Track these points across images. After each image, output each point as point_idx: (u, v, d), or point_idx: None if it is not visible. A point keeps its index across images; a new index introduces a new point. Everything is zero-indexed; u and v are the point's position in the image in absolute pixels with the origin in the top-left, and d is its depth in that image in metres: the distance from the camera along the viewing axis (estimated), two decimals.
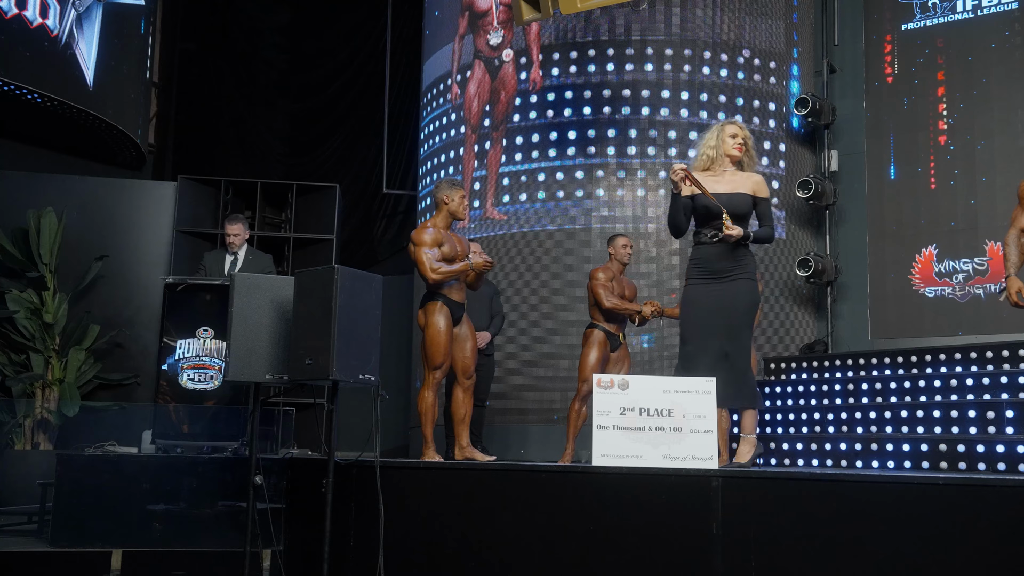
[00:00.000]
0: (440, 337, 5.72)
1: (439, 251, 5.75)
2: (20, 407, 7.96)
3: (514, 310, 8.31)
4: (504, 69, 9.57)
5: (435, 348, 5.73)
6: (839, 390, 7.04)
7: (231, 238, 7.16)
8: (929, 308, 8.68)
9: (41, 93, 9.66)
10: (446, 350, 5.75)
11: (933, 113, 8.93)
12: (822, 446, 6.20)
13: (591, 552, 4.28)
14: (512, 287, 8.61)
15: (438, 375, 5.79)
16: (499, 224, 9.15)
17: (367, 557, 4.80)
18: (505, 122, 9.39)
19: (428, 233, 5.78)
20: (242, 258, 7.15)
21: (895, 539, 3.54)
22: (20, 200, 8.68)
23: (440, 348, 5.72)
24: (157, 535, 5.56)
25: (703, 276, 4.94)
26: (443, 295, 5.79)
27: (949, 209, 8.74)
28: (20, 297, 8.23)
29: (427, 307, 5.81)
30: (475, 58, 9.77)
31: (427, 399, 5.77)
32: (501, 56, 9.64)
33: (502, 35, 9.68)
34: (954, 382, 6.44)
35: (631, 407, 4.49)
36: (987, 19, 8.75)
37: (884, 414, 6.33)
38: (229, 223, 7.30)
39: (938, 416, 6.02)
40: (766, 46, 9.17)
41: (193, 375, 6.47)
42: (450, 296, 5.81)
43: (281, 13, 12.86)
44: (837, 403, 6.91)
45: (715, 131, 5.11)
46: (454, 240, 5.90)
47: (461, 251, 5.89)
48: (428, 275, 5.71)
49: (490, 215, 9.30)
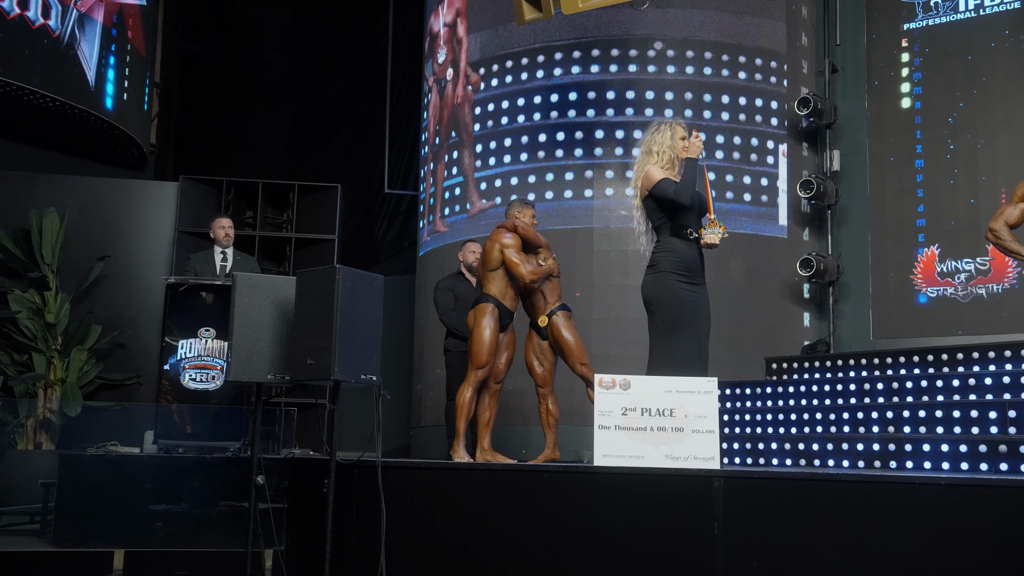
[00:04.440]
0: (486, 336, 5.90)
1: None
2: (22, 407, 7.97)
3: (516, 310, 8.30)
4: (447, 89, 9.92)
5: (480, 347, 5.90)
6: (841, 390, 7.03)
7: (227, 231, 7.15)
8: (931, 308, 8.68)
9: (43, 93, 9.67)
10: (491, 350, 5.91)
11: (935, 112, 8.92)
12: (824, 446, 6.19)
13: (593, 552, 4.28)
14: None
15: (480, 374, 5.94)
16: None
17: (369, 557, 4.80)
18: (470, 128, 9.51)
19: (510, 235, 6.03)
20: (232, 259, 7.14)
21: (897, 539, 3.54)
22: (22, 200, 8.70)
23: (484, 347, 5.89)
24: (159, 535, 5.57)
25: (687, 277, 5.05)
26: (496, 299, 5.96)
27: (950, 209, 8.73)
28: (22, 297, 8.24)
29: (478, 308, 6.01)
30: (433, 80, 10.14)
31: (465, 394, 5.93)
32: (446, 76, 9.98)
33: (445, 54, 10.02)
34: (957, 382, 6.42)
35: (633, 407, 4.49)
36: (989, 18, 8.75)
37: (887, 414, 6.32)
38: (223, 217, 7.30)
39: (940, 416, 6.01)
40: (768, 46, 9.16)
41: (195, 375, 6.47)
42: (503, 301, 6.00)
43: (282, 13, 12.87)
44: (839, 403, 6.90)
45: (666, 130, 5.17)
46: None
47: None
48: (524, 277, 5.95)
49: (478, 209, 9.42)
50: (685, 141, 5.11)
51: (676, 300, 5.00)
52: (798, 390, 7.26)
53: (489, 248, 6.07)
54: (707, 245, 5.07)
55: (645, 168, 5.16)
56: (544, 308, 6.18)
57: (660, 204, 5.09)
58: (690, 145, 5.09)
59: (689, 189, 5.01)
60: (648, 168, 5.13)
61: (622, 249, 8.59)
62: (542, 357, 6.22)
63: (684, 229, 5.07)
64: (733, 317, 8.49)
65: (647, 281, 5.14)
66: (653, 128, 5.27)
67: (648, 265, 5.16)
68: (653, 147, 5.19)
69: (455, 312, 7.08)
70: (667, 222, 5.10)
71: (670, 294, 5.01)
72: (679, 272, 5.02)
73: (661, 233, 5.14)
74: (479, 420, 6.07)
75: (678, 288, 5.00)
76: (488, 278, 6.08)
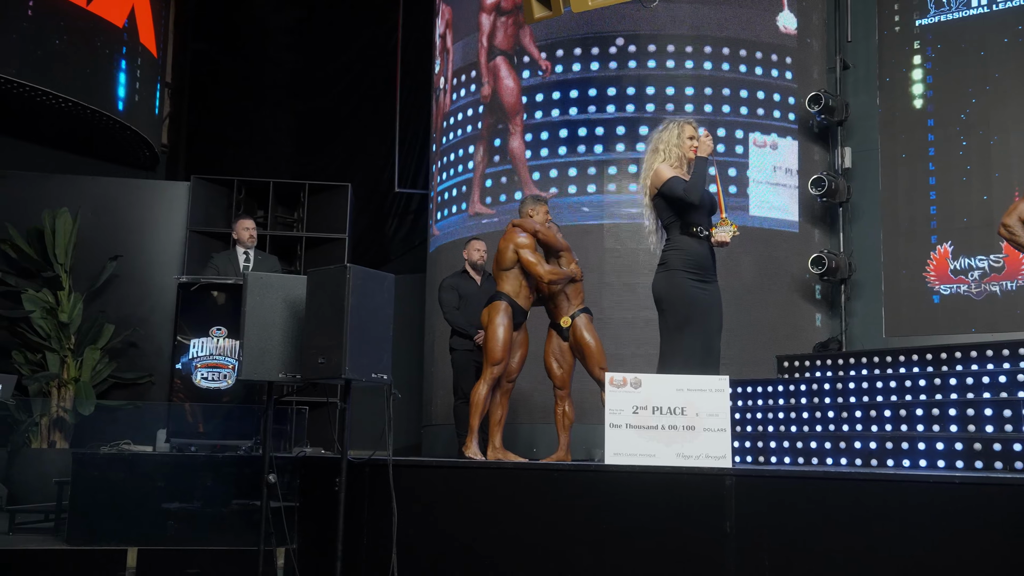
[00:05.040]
0: (500, 334, 5.94)
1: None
2: (36, 406, 8.01)
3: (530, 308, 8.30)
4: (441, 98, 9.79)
5: (494, 344, 5.94)
6: (853, 388, 7.00)
7: (250, 232, 7.15)
8: (944, 305, 8.64)
9: (55, 94, 9.71)
10: (505, 347, 5.95)
11: (947, 109, 8.87)
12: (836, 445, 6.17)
13: (604, 551, 4.27)
14: None
15: (495, 371, 5.97)
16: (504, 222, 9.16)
17: (380, 555, 4.81)
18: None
19: (523, 236, 6.05)
20: (253, 258, 7.16)
21: (911, 538, 3.52)
22: (35, 200, 8.75)
23: (498, 345, 5.93)
24: (172, 533, 5.58)
25: (698, 276, 5.04)
26: (510, 297, 5.99)
27: (963, 206, 8.68)
28: (36, 297, 8.29)
29: (492, 306, 6.04)
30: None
31: (480, 391, 5.98)
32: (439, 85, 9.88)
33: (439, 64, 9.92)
34: (970, 380, 6.38)
35: (644, 405, 4.48)
36: (1001, 14, 8.70)
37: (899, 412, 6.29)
38: (245, 218, 7.31)
39: (954, 415, 5.98)
40: (778, 42, 9.13)
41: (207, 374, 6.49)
42: (517, 300, 6.03)
43: (292, 13, 12.89)
44: (851, 401, 6.87)
45: (674, 129, 5.17)
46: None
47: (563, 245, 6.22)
48: (543, 276, 6.00)
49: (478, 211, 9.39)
50: (694, 140, 5.10)
51: (687, 298, 5.00)
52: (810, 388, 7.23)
53: (503, 247, 6.07)
54: (718, 243, 5.07)
55: (654, 166, 5.15)
56: (567, 309, 6.20)
57: (670, 202, 5.08)
58: (700, 144, 5.09)
59: (698, 188, 5.01)
60: (657, 166, 5.13)
61: (632, 247, 8.58)
62: (561, 359, 6.25)
63: (694, 227, 5.06)
64: (744, 315, 8.47)
65: (658, 279, 5.14)
66: (662, 126, 5.27)
67: (659, 263, 5.16)
68: (660, 145, 5.19)
69: (459, 311, 7.08)
70: (677, 220, 5.09)
71: (681, 292, 5.01)
72: (690, 270, 5.02)
73: (671, 231, 5.13)
74: (491, 418, 6.09)
75: (689, 286, 5.00)
76: (502, 277, 6.09)
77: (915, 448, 5.79)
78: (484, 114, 9.64)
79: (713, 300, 5.08)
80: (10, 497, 7.11)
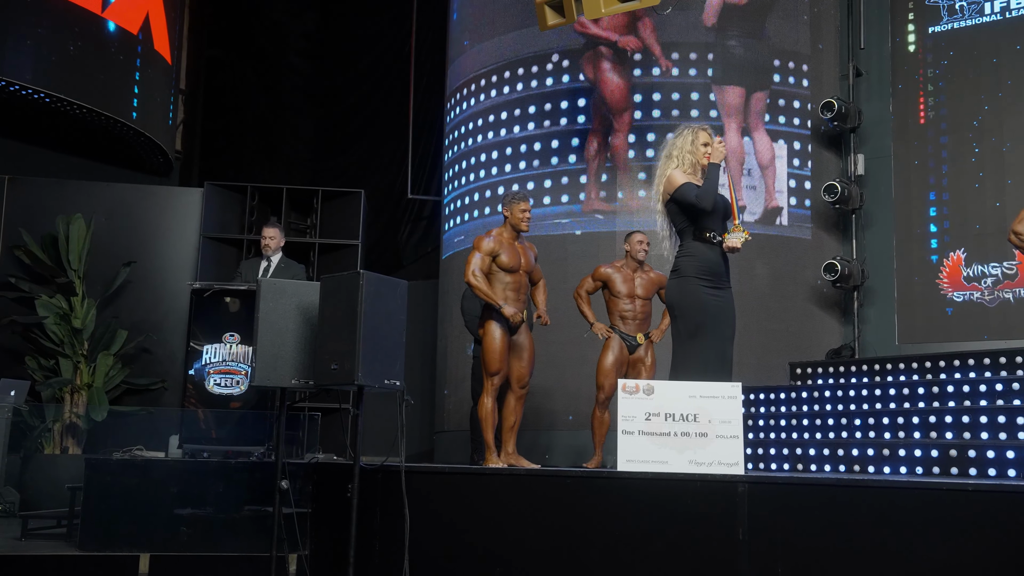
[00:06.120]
0: (495, 345, 5.93)
1: (496, 259, 5.97)
2: (49, 412, 8.05)
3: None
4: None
5: (490, 355, 5.94)
6: (866, 395, 6.98)
7: (266, 240, 7.18)
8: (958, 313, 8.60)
9: (70, 101, 9.77)
10: (501, 357, 5.93)
11: (959, 116, 8.84)
12: (849, 452, 6.15)
13: (616, 558, 4.27)
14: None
15: (495, 381, 5.98)
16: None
17: (393, 562, 4.81)
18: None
19: (486, 241, 6.01)
20: (275, 265, 7.17)
21: (922, 546, 3.51)
22: (49, 206, 8.80)
23: (495, 355, 5.92)
24: (184, 539, 5.59)
25: (710, 282, 5.03)
26: (495, 309, 5.95)
27: (976, 213, 8.65)
28: (49, 302, 8.33)
29: (483, 316, 6.06)
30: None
31: (486, 405, 5.98)
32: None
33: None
34: (983, 387, 6.36)
35: (656, 412, 4.48)
36: (1014, 21, 8.66)
37: (912, 419, 6.27)
38: (266, 226, 7.33)
39: (967, 422, 5.96)
40: (792, 48, 9.12)
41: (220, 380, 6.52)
42: (502, 311, 6.00)
43: (306, 19, 12.94)
44: (864, 408, 6.85)
45: (688, 135, 5.18)
46: (517, 251, 6.07)
47: (525, 263, 6.09)
48: (466, 275, 5.97)
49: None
50: (707, 147, 5.11)
51: (699, 305, 4.99)
52: (823, 395, 7.22)
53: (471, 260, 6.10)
54: (729, 249, 5.06)
55: (667, 172, 5.16)
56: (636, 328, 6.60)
57: (682, 208, 5.09)
58: (712, 150, 5.09)
59: (711, 194, 5.01)
60: (670, 172, 5.14)
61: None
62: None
63: (707, 233, 5.06)
64: (757, 322, 8.45)
65: (670, 286, 5.15)
66: (676, 132, 5.28)
67: (671, 270, 5.16)
68: (673, 151, 5.20)
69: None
70: (690, 226, 5.09)
71: (693, 299, 5.01)
72: (702, 277, 5.01)
73: (684, 237, 5.14)
74: (504, 424, 6.09)
75: (702, 293, 5.00)
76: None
77: (928, 455, 5.76)
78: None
79: (726, 306, 5.08)
80: (23, 503, 7.15)
